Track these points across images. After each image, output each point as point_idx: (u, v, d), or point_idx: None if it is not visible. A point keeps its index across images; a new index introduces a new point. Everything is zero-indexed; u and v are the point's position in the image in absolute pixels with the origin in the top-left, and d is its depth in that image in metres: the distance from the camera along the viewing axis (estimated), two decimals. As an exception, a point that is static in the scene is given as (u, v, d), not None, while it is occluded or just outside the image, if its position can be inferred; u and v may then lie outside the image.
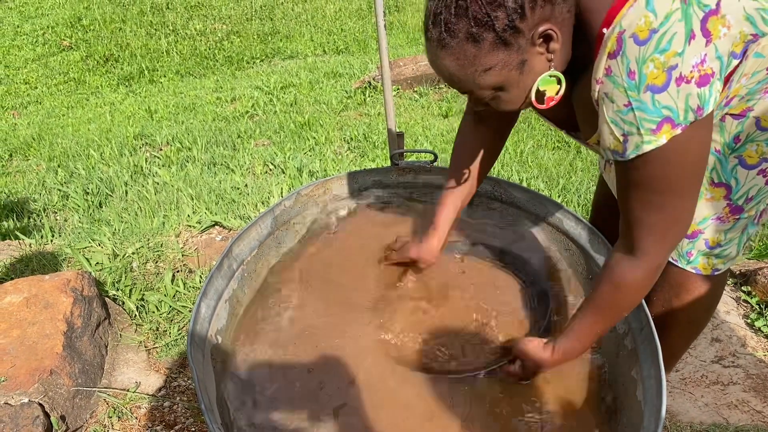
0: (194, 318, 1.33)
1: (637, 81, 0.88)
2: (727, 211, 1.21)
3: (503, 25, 0.90)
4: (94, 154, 4.20)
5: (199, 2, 8.98)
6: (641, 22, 0.86)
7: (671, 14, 0.85)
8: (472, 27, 0.91)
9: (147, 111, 5.55)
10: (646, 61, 0.87)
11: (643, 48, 0.86)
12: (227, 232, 2.60)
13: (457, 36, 0.93)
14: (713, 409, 1.65)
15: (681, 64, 0.86)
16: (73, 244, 2.45)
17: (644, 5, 0.86)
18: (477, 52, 0.93)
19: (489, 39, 0.92)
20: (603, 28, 0.91)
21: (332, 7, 8.61)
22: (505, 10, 0.89)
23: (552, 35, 0.93)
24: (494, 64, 0.95)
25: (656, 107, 0.89)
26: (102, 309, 1.94)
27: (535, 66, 0.97)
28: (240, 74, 6.75)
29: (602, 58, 0.92)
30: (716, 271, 1.29)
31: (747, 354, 1.82)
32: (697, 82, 0.87)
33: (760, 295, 2.01)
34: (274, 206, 1.69)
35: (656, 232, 1.03)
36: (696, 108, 0.89)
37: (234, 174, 3.56)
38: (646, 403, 1.17)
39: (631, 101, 0.90)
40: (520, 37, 0.92)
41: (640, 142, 0.92)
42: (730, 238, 1.24)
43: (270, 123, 4.77)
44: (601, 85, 0.94)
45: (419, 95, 5.14)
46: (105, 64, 7.30)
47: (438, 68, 1.00)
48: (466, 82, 0.99)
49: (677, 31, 0.85)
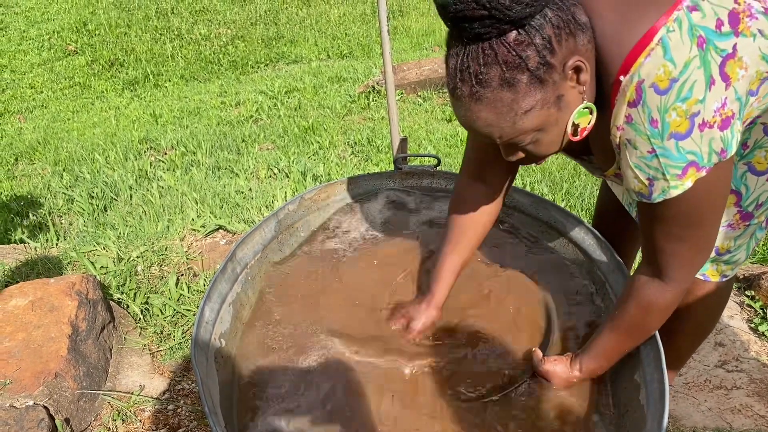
0: (198, 322, 1.33)
1: (660, 129, 0.89)
2: (737, 218, 1.21)
3: (536, 63, 0.88)
4: (99, 158, 4.22)
5: (204, 7, 9.01)
6: (660, 72, 0.86)
7: (690, 62, 0.85)
8: (505, 72, 0.88)
9: (152, 115, 5.57)
10: (669, 110, 0.87)
11: (665, 97, 0.87)
12: (231, 236, 2.61)
13: (490, 85, 0.89)
14: (717, 413, 1.65)
15: (703, 111, 0.87)
16: (78, 248, 2.47)
17: (662, 54, 0.86)
18: (514, 96, 0.90)
19: (524, 80, 0.89)
20: (620, 75, 0.91)
21: (336, 12, 8.63)
22: (535, 48, 0.87)
23: (582, 66, 0.91)
24: (533, 104, 0.91)
25: (681, 153, 0.90)
26: (106, 312, 1.95)
27: (570, 100, 0.95)
28: (244, 79, 6.77)
29: (622, 106, 0.92)
30: (724, 277, 1.29)
31: (750, 358, 1.82)
32: (720, 126, 0.88)
33: (764, 300, 2.00)
34: (278, 210, 1.70)
35: (682, 260, 1.05)
36: (720, 151, 0.90)
37: (238, 178, 3.58)
38: (648, 407, 1.17)
39: (655, 148, 0.91)
40: (554, 72, 0.90)
41: (666, 186, 0.93)
42: (739, 244, 1.24)
43: (274, 127, 4.78)
44: (622, 131, 0.94)
45: (423, 99, 5.14)
46: (110, 68, 7.32)
47: (474, 123, 0.95)
48: (505, 129, 0.94)
49: (697, 79, 0.86)
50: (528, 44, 0.87)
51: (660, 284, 1.09)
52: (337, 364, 1.39)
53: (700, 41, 0.86)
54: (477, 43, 0.88)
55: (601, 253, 1.53)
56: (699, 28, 0.86)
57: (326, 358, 1.41)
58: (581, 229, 1.60)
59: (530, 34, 0.86)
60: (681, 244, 1.03)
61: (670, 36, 0.86)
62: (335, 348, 1.43)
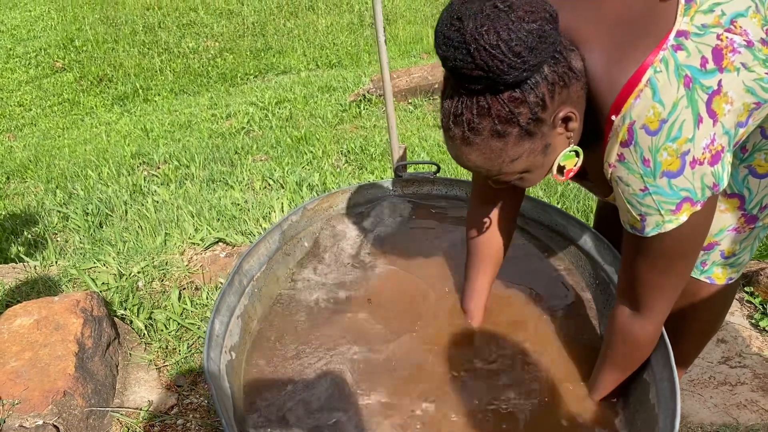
0: (209, 335, 1.34)
1: (653, 168, 0.91)
2: (742, 222, 1.23)
3: (527, 120, 0.91)
4: (92, 175, 4.21)
5: (191, 20, 9.02)
6: (650, 114, 0.88)
7: (678, 103, 0.87)
8: (497, 125, 0.91)
9: (143, 130, 5.56)
10: (660, 150, 0.89)
11: (655, 138, 0.89)
12: (231, 248, 2.61)
13: (481, 134, 0.92)
14: (722, 409, 1.67)
15: (693, 149, 0.89)
16: (78, 265, 2.46)
17: (651, 96, 0.88)
18: (503, 146, 0.93)
19: (514, 133, 0.92)
20: (612, 115, 0.93)
21: (324, 22, 8.66)
22: (528, 105, 0.89)
23: (572, 117, 0.94)
24: (521, 154, 0.95)
25: (673, 190, 0.92)
26: (111, 329, 1.95)
27: (557, 146, 0.99)
28: (234, 91, 6.77)
29: (614, 145, 0.94)
30: (730, 280, 1.31)
31: (753, 354, 1.84)
32: (710, 161, 0.91)
33: (763, 295, 2.03)
34: (282, 221, 1.71)
35: (663, 291, 1.08)
36: (712, 185, 0.93)
37: (233, 190, 3.58)
38: (660, 405, 1.19)
39: (647, 186, 0.93)
40: (544, 125, 0.93)
41: (661, 221, 0.96)
42: (744, 246, 1.26)
43: (266, 138, 4.79)
44: (614, 168, 0.97)
45: (414, 106, 5.17)
46: (99, 84, 7.31)
47: (463, 162, 1.00)
48: (493, 171, 0.99)
49: (686, 118, 0.88)
50: (521, 102, 0.89)
51: (641, 318, 1.13)
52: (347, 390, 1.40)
53: (687, 81, 0.88)
54: (472, 96, 0.90)
55: (602, 254, 1.55)
56: (685, 67, 0.88)
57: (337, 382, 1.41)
58: (582, 230, 1.62)
59: (525, 92, 0.89)
60: (663, 276, 1.06)
61: (658, 77, 0.88)
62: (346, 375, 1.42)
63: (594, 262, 1.59)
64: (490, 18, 0.82)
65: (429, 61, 6.52)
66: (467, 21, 0.83)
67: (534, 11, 0.84)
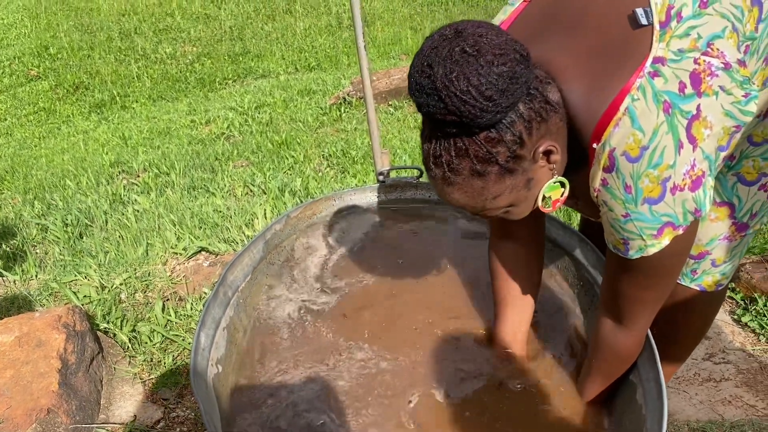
0: (194, 349, 1.32)
1: (634, 194, 0.91)
2: (733, 230, 1.24)
3: (506, 158, 0.91)
4: (71, 185, 4.15)
5: (168, 26, 8.94)
6: (630, 141, 0.88)
7: (658, 129, 0.87)
8: (476, 165, 0.91)
9: (121, 138, 5.50)
10: (641, 177, 0.89)
11: (636, 165, 0.89)
12: (214, 257, 2.59)
13: (461, 174, 0.93)
14: (708, 406, 1.69)
15: (674, 175, 0.89)
16: (59, 278, 2.43)
17: (630, 124, 0.88)
18: (484, 184, 0.94)
19: (494, 171, 0.92)
20: (593, 142, 0.93)
21: (302, 25, 8.63)
22: (505, 144, 0.90)
23: (552, 150, 0.94)
24: (503, 191, 0.96)
25: (655, 216, 0.92)
26: (95, 343, 1.93)
27: (540, 178, 0.99)
28: (213, 96, 6.72)
29: (598, 171, 0.95)
30: (720, 287, 1.32)
31: (736, 350, 1.87)
32: (690, 187, 0.90)
33: (744, 291, 2.06)
34: (265, 231, 1.70)
35: (645, 306, 1.09)
36: (693, 210, 0.93)
37: (215, 197, 3.55)
38: (647, 405, 1.20)
39: (629, 212, 0.93)
40: (523, 161, 0.93)
41: (643, 245, 0.96)
42: (734, 254, 1.27)
43: (247, 143, 4.76)
44: (599, 193, 0.97)
45: (394, 108, 5.17)
46: (75, 92, 7.22)
47: (447, 200, 1.01)
48: (477, 208, 1.00)
49: (667, 144, 0.88)
50: (498, 141, 0.90)
51: (624, 331, 1.14)
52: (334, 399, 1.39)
53: (666, 106, 0.87)
54: (449, 138, 0.91)
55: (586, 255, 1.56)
56: (663, 93, 0.88)
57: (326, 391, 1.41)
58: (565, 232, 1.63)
59: (501, 132, 0.89)
60: (645, 291, 1.07)
61: (636, 105, 0.88)
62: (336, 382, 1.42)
63: (578, 263, 1.59)
64: (459, 64, 0.82)
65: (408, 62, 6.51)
66: (437, 67, 0.83)
67: (503, 54, 0.84)
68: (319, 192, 3.45)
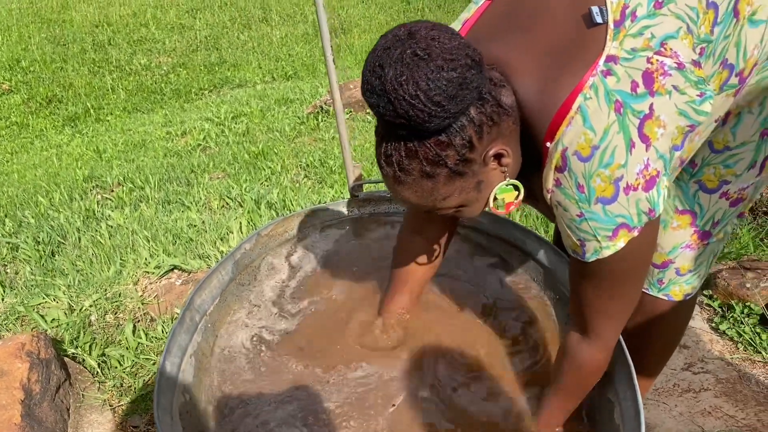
0: (159, 378, 1.28)
1: (587, 194, 0.90)
2: (695, 238, 1.22)
3: (455, 161, 0.91)
4: (43, 201, 4.06)
5: (142, 37, 8.85)
6: (582, 140, 0.87)
7: (609, 128, 0.86)
8: (425, 166, 0.91)
9: (95, 151, 5.41)
10: (593, 176, 0.88)
11: (588, 164, 0.88)
12: (187, 275, 2.54)
13: (411, 174, 0.93)
14: (688, 417, 1.66)
15: (626, 175, 0.88)
16: (26, 302, 2.36)
17: (582, 123, 0.87)
18: (434, 185, 0.94)
19: (443, 174, 0.92)
20: (546, 141, 0.92)
21: (278, 34, 8.59)
22: (454, 148, 0.90)
23: (503, 153, 0.94)
24: (452, 192, 0.96)
25: (609, 216, 0.91)
26: (61, 370, 1.86)
27: (492, 181, 0.99)
28: (189, 106, 6.65)
29: (550, 171, 0.94)
30: (687, 296, 1.31)
31: (715, 358, 1.85)
32: (644, 187, 0.89)
33: (722, 298, 2.04)
34: (234, 251, 1.65)
35: (611, 316, 1.07)
36: (648, 210, 0.91)
37: (190, 211, 3.49)
38: (624, 425, 1.17)
39: (583, 212, 0.92)
40: (473, 164, 0.93)
41: (599, 247, 0.94)
42: (700, 262, 1.25)
43: (223, 155, 4.70)
44: (553, 194, 0.96)
45: (372, 116, 5.14)
46: (48, 105, 7.10)
47: (399, 198, 1.01)
48: (428, 207, 1.00)
49: (618, 144, 0.86)
50: (448, 145, 0.89)
51: (590, 344, 1.11)
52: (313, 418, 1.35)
53: (617, 106, 0.86)
54: (400, 140, 0.91)
55: (561, 268, 1.53)
56: (615, 92, 0.87)
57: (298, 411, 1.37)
58: (540, 244, 1.60)
59: (450, 136, 0.89)
60: (610, 300, 1.04)
61: (588, 104, 0.87)
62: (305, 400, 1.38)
63: (553, 276, 1.57)
64: (409, 67, 0.81)
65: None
66: (388, 69, 0.82)
67: (454, 59, 0.82)
68: (296, 204, 3.41)
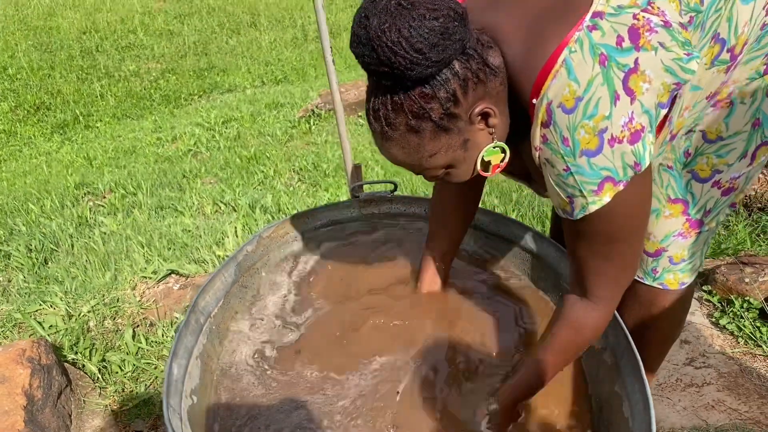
0: (167, 381, 1.27)
1: (572, 147, 0.91)
2: (687, 227, 1.24)
3: (439, 115, 0.93)
4: (34, 209, 4.03)
5: (131, 43, 8.81)
6: (566, 92, 0.88)
7: (593, 80, 0.87)
8: (411, 120, 0.94)
9: (85, 158, 5.38)
10: (577, 128, 0.89)
11: (572, 116, 0.89)
12: (185, 279, 2.53)
13: (398, 129, 0.96)
14: (692, 412, 1.68)
15: (611, 126, 0.88)
16: (23, 308, 2.34)
17: (566, 75, 0.88)
18: (420, 140, 0.96)
19: (429, 128, 0.95)
20: (533, 98, 0.94)
21: (267, 38, 8.58)
22: (439, 101, 0.92)
23: (489, 112, 0.96)
24: (439, 149, 0.98)
25: (594, 170, 0.91)
26: (62, 376, 1.85)
27: (479, 141, 1.01)
28: (179, 112, 6.63)
29: (537, 127, 0.95)
30: (683, 285, 1.32)
31: (716, 353, 1.87)
32: (629, 140, 0.89)
33: (721, 293, 2.06)
34: (237, 253, 1.65)
35: (608, 278, 1.07)
36: (633, 164, 0.91)
37: (183, 216, 3.48)
38: (634, 418, 1.18)
39: (569, 166, 0.93)
40: (459, 121, 0.95)
41: (585, 203, 0.95)
42: (693, 251, 1.27)
43: (215, 160, 4.69)
44: (540, 151, 0.97)
45: (363, 119, 5.14)
46: (36, 112, 7.05)
47: (387, 155, 1.03)
48: (415, 166, 1.03)
49: (601, 96, 0.87)
50: (432, 97, 0.92)
51: (588, 304, 1.12)
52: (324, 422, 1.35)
53: (602, 59, 0.87)
54: (387, 93, 0.93)
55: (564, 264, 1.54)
56: (600, 46, 0.87)
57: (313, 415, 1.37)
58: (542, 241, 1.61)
59: (435, 88, 0.91)
60: (605, 261, 1.05)
61: (573, 57, 0.88)
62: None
63: (556, 273, 1.58)
64: (392, 15, 0.85)
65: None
66: (372, 18, 0.86)
67: (437, 9, 0.86)
68: (291, 207, 3.40)
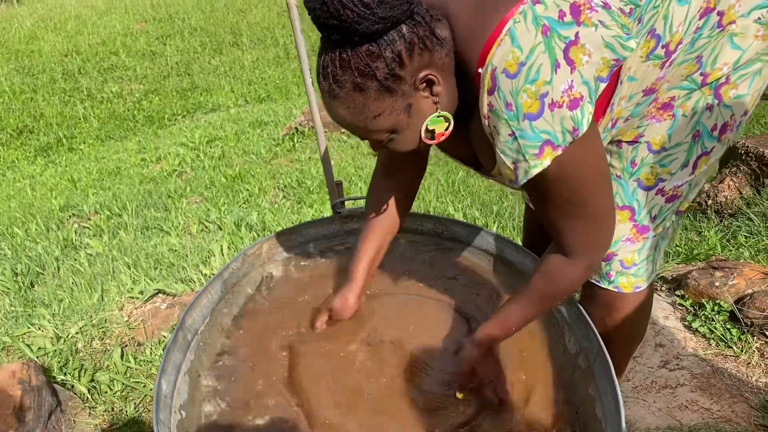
0: (156, 397, 1.30)
1: (515, 111, 0.95)
2: (634, 232, 1.30)
3: (384, 74, 0.97)
4: (19, 232, 4.05)
5: (113, 64, 8.84)
6: (509, 58, 0.93)
7: (535, 48, 0.92)
8: (357, 78, 0.97)
9: (69, 180, 5.39)
10: (520, 92, 0.94)
11: (515, 81, 0.93)
12: (171, 298, 2.56)
13: (344, 87, 0.99)
14: (666, 412, 1.74)
15: (551, 92, 0.93)
16: (11, 332, 2.36)
17: (510, 43, 0.93)
18: (365, 100, 1.00)
19: (373, 87, 0.98)
20: (478, 68, 0.98)
21: (249, 57, 8.65)
22: (384, 60, 0.96)
23: (433, 80, 1.00)
24: (382, 110, 1.01)
25: (535, 133, 0.96)
26: (52, 397, 1.87)
27: (422, 109, 1.04)
28: (162, 132, 6.66)
29: (483, 96, 0.99)
30: (637, 289, 1.38)
31: (689, 355, 1.93)
32: (569, 106, 0.94)
33: (693, 298, 2.13)
34: (222, 270, 1.69)
35: (579, 234, 1.11)
36: (572, 129, 0.96)
37: (169, 236, 3.51)
38: (606, 419, 1.23)
39: (513, 131, 0.97)
40: (403, 84, 0.99)
41: (527, 167, 1.00)
42: (644, 257, 1.33)
43: (200, 179, 4.72)
44: (488, 119, 1.01)
45: (348, 135, 5.20)
46: (19, 136, 7.06)
47: (334, 117, 1.06)
48: (360, 128, 1.05)
49: (543, 63, 0.92)
50: (378, 56, 0.95)
51: (563, 259, 1.15)
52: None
53: (545, 29, 0.92)
54: (336, 49, 0.97)
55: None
56: (543, 17, 0.93)
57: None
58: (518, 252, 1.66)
59: (381, 47, 0.95)
60: (575, 220, 1.09)
61: (517, 26, 0.93)
62: None
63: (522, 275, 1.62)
64: None
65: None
66: None
67: None
68: (276, 225, 3.44)
